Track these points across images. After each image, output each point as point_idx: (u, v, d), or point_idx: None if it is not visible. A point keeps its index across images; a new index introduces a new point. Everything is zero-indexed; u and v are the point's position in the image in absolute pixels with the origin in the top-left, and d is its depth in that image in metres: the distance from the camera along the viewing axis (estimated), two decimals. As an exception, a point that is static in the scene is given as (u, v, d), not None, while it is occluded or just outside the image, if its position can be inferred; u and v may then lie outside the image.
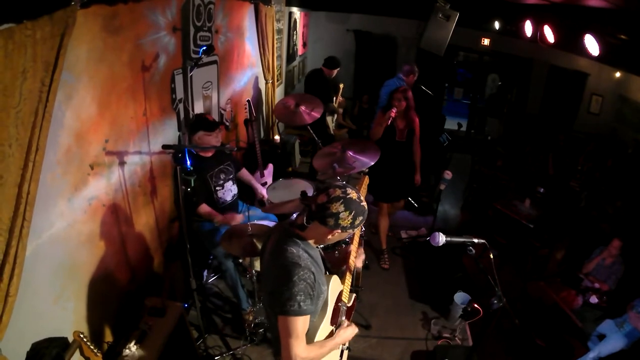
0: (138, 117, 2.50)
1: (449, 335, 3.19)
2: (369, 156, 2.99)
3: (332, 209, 1.45)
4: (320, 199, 1.48)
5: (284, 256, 1.50)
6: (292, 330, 1.47)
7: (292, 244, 1.53)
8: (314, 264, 1.54)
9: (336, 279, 1.77)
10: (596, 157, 5.02)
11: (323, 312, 1.66)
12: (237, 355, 2.90)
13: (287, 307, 1.45)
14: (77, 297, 2.09)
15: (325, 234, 1.52)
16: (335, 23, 7.24)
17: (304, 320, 1.49)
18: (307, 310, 1.48)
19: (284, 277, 1.47)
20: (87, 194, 2.09)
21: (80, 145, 2.00)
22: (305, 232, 1.56)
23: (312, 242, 1.60)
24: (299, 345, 1.48)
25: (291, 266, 1.47)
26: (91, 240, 2.17)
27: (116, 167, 2.33)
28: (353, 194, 1.49)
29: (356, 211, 1.48)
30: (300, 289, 1.45)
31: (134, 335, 2.25)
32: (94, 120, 2.08)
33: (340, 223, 1.46)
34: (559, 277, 3.61)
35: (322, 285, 1.59)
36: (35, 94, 1.51)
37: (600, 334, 3.10)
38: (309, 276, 1.48)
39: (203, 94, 3.42)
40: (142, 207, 2.64)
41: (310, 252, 1.57)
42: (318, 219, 1.48)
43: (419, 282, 3.87)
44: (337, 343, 1.68)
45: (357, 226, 1.53)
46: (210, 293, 3.47)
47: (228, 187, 2.92)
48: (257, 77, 4.87)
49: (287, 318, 1.47)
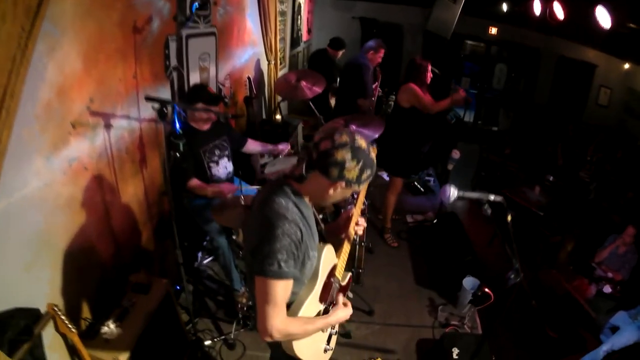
0: (127, 80, 2.35)
1: (457, 323, 3.00)
2: (372, 129, 2.90)
3: (337, 156, 1.23)
4: (323, 144, 1.26)
5: (270, 207, 1.28)
6: (269, 295, 1.25)
7: (282, 195, 1.32)
8: (304, 223, 1.32)
9: (330, 249, 1.53)
10: (606, 148, 4.91)
11: (311, 285, 1.42)
12: (230, 340, 2.71)
13: (266, 266, 1.23)
14: (53, 267, 1.90)
15: (325, 188, 1.30)
16: (340, 10, 7.09)
17: (284, 286, 1.27)
18: (288, 273, 1.25)
19: (265, 230, 1.25)
20: (67, 155, 1.93)
21: (62, 102, 1.86)
22: (302, 184, 1.34)
23: (308, 200, 1.39)
24: (277, 315, 1.26)
25: (275, 217, 1.25)
26: (70, 205, 1.98)
27: (101, 129, 2.16)
28: (362, 143, 1.28)
29: (364, 162, 1.26)
30: (282, 246, 1.23)
31: (114, 313, 2.08)
32: (78, 77, 1.94)
33: (345, 174, 1.25)
34: (571, 265, 3.44)
35: (311, 249, 1.37)
36: (14, 38, 1.45)
37: (613, 326, 2.93)
38: (294, 232, 1.26)
39: (200, 65, 3.24)
40: (129, 176, 2.45)
41: (302, 208, 1.34)
42: (319, 168, 1.27)
43: (425, 266, 3.69)
44: (326, 323, 1.45)
45: (364, 182, 1.31)
46: (204, 276, 3.28)
47: (223, 164, 2.72)
48: (259, 58, 4.71)
49: (264, 280, 1.25)
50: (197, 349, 2.59)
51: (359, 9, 7.06)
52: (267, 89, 5.03)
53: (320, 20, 7.20)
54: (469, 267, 3.17)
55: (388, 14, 6.92)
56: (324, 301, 1.49)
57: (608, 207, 4.21)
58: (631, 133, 5.08)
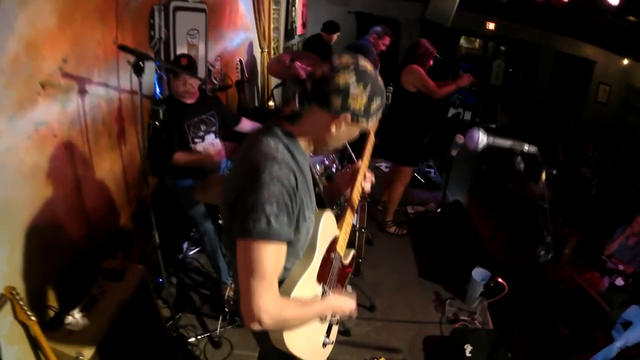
0: (107, 44, 2.14)
1: (467, 318, 2.77)
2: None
3: (338, 80, 0.97)
4: (320, 70, 1.01)
5: (256, 148, 1.02)
6: (256, 265, 0.94)
7: (271, 136, 1.05)
8: (299, 171, 1.04)
9: (330, 216, 1.24)
10: (606, 143, 4.84)
11: (308, 258, 1.15)
12: (215, 338, 2.45)
13: (249, 223, 0.93)
14: (12, 243, 1.65)
15: (326, 125, 1.03)
16: (336, 4, 6.95)
17: (275, 251, 0.97)
18: (280, 233, 0.95)
19: (249, 176, 0.97)
20: (34, 117, 1.71)
21: (32, 58, 1.66)
22: (295, 125, 1.08)
23: (303, 144, 1.10)
24: (266, 292, 0.95)
25: (262, 159, 0.97)
26: (35, 174, 1.74)
27: (74, 93, 1.94)
28: (367, 65, 1.02)
29: (373, 87, 1.00)
30: (272, 194, 0.94)
31: (82, 301, 1.82)
32: (51, 33, 1.76)
33: (349, 103, 0.98)
34: (580, 258, 3.27)
35: (307, 208, 1.08)
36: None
37: (625, 321, 2.76)
38: (287, 176, 0.97)
39: (188, 41, 3.04)
40: (105, 151, 2.21)
41: (296, 154, 1.06)
42: (317, 99, 1.01)
43: (429, 259, 3.46)
44: (327, 307, 1.16)
45: (373, 115, 1.04)
46: (189, 268, 3.03)
47: (209, 141, 2.50)
48: (252, 44, 4.53)
49: (249, 243, 0.95)
50: (179, 347, 2.32)
51: (354, 3, 6.94)
52: (260, 77, 4.84)
53: (315, 14, 7.05)
54: (478, 257, 2.95)
55: (384, 8, 6.80)
56: (323, 282, 1.22)
57: (611, 202, 4.12)
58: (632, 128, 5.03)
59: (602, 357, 2.57)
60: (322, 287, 1.21)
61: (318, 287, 1.20)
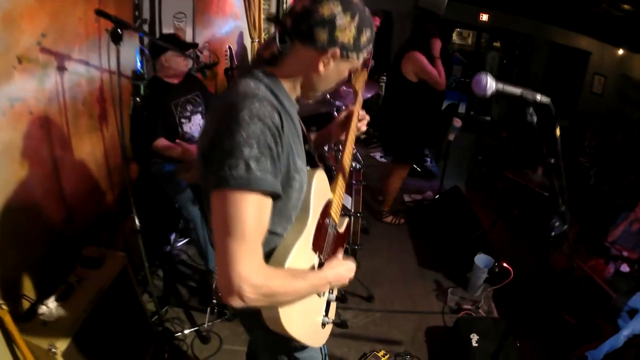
0: (88, 21, 2.03)
1: (470, 307, 2.66)
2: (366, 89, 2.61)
3: (322, 10, 0.85)
4: (299, 5, 0.88)
5: (233, 90, 0.89)
6: (234, 221, 0.78)
7: (250, 77, 0.91)
8: (284, 113, 0.90)
9: (322, 176, 1.09)
10: (603, 133, 4.80)
11: (301, 222, 1.00)
12: (203, 332, 2.32)
13: (225, 171, 0.78)
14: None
15: (313, 63, 0.90)
16: (326, -2, 6.88)
17: (258, 203, 0.81)
18: (263, 180, 0.80)
19: (225, 116, 0.82)
20: (9, 92, 1.60)
21: (8, 31, 1.57)
22: (278, 67, 0.94)
23: (288, 88, 0.97)
24: (247, 257, 0.79)
25: (240, 98, 0.84)
26: (9, 152, 1.62)
27: (53, 70, 1.83)
28: None
29: (361, 17, 0.88)
30: (251, 134, 0.79)
31: (58, 290, 1.69)
32: (30, 6, 1.67)
33: (337, 36, 0.87)
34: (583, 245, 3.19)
35: (298, 156, 0.94)
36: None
37: (631, 309, 2.68)
38: (270, 113, 0.83)
39: (175, 24, 2.93)
40: (86, 132, 2.08)
41: (280, 96, 0.92)
42: (299, 35, 0.88)
43: (428, 247, 3.34)
44: (322, 279, 1.00)
45: (364, 48, 0.93)
46: (176, 260, 2.89)
47: (196, 121, 2.39)
48: (242, 33, 4.42)
49: (225, 194, 0.79)
50: (165, 342, 2.19)
51: (346, -3, 6.87)
52: (251, 67, 4.74)
53: (307, 9, 7.00)
54: (480, 243, 2.84)
55: (377, 1, 6.73)
56: (319, 250, 1.07)
57: (611, 191, 4.06)
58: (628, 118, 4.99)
59: (609, 346, 2.49)
60: (317, 257, 1.06)
61: (314, 257, 1.05)
